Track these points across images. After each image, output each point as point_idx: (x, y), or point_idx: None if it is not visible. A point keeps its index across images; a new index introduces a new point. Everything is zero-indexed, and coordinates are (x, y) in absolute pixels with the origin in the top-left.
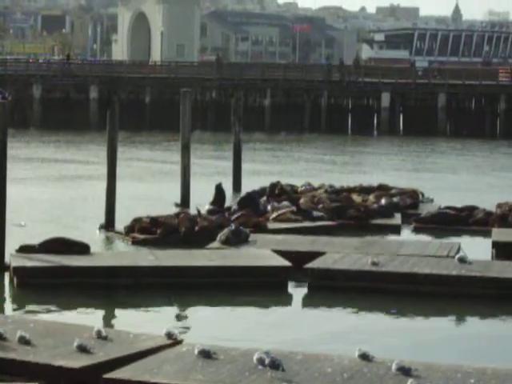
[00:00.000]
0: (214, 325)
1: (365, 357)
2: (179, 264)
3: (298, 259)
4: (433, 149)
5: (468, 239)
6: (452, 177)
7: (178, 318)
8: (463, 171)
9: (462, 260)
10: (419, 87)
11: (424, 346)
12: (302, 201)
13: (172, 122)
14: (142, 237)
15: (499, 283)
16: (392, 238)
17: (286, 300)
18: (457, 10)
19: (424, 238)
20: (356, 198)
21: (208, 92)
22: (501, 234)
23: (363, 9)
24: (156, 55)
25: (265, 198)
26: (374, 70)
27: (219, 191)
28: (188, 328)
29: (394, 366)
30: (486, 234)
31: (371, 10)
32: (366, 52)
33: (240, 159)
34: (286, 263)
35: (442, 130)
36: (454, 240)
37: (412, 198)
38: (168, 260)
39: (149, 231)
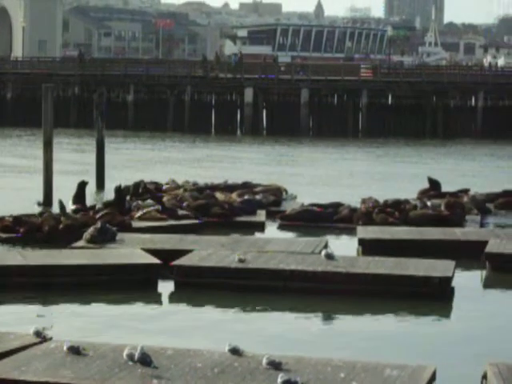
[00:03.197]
0: (83, 323)
1: (235, 351)
2: (47, 263)
3: (167, 257)
4: (296, 145)
5: (333, 236)
6: (316, 173)
7: (46, 316)
8: (326, 168)
9: (329, 256)
10: (282, 83)
11: (293, 340)
12: (165, 199)
13: (34, 118)
14: (4, 236)
15: (364, 279)
16: (259, 235)
17: (155, 297)
18: (319, 6)
19: (289, 235)
20: (219, 195)
21: (70, 88)
22: (366, 231)
23: (226, 5)
24: (17, 51)
25: (128, 197)
26: (237, 65)
27: (80, 189)
28: (56, 326)
29: (264, 361)
30: (352, 230)
31: (234, 5)
32: (230, 48)
33: (103, 156)
34: (155, 261)
35: (305, 125)
36: (319, 237)
37: (275, 195)
38: (36, 259)
39: (12, 230)
